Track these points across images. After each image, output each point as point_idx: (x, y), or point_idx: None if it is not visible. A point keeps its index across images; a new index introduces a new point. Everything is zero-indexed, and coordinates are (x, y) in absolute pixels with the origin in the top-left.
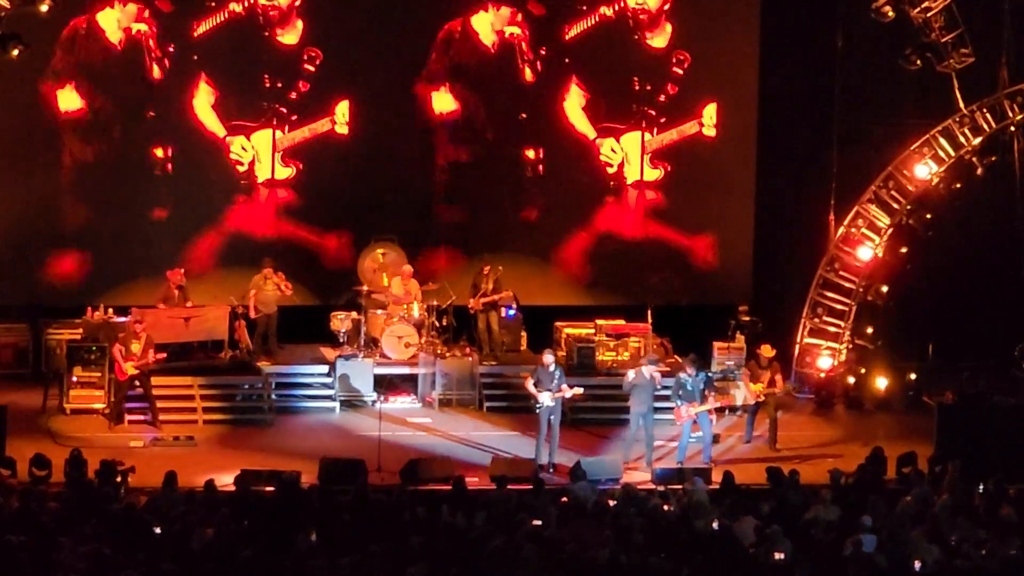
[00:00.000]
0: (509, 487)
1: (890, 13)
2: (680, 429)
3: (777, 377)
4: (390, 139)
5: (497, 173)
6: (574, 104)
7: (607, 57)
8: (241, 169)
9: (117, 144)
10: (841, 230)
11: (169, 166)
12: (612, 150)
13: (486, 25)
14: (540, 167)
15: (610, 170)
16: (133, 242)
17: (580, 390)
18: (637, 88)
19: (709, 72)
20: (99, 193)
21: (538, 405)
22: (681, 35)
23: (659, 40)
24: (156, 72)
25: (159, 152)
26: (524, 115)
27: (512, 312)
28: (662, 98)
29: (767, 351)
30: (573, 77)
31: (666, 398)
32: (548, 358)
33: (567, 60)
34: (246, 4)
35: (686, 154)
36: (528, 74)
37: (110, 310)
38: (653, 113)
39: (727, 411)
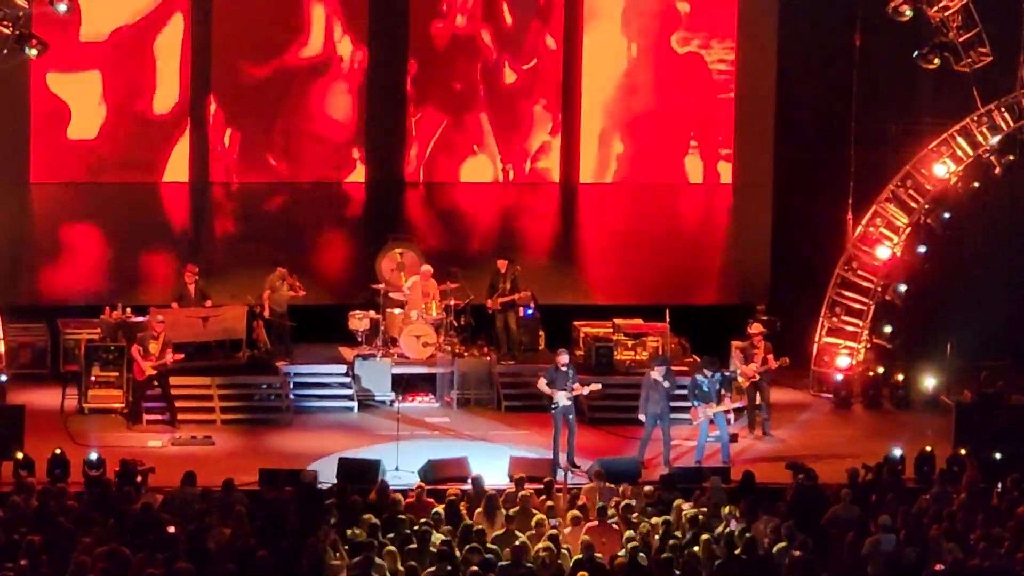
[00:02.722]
0: (527, 487)
1: (907, 12)
2: (698, 429)
3: (768, 356)
4: None
5: None
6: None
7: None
8: None
9: None
10: (859, 229)
11: None
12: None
13: None
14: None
15: (625, 168)
16: None
17: (598, 385)
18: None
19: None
20: None
21: (553, 405)
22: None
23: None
24: None
25: None
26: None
27: (530, 312)
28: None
29: (756, 328)
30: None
31: (681, 398)
32: (563, 358)
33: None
34: None
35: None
36: None
37: (128, 309)
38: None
39: (744, 410)
